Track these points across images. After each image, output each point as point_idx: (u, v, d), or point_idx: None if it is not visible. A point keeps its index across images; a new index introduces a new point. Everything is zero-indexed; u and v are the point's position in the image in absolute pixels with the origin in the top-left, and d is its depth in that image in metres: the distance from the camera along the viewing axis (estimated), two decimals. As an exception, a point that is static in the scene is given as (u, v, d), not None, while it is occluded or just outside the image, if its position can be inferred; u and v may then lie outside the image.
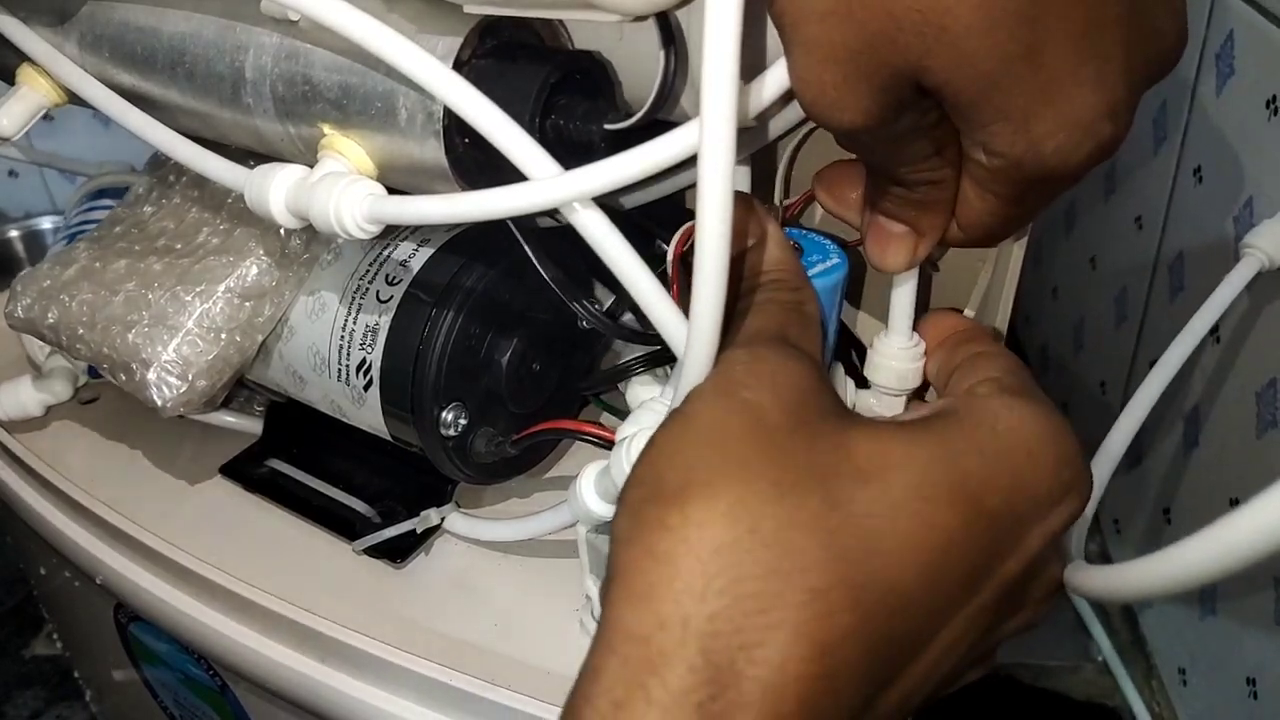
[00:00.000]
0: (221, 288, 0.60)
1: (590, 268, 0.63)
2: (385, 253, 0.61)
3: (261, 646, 0.61)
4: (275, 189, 0.52)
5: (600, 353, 0.70)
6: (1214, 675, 0.89)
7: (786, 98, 0.48)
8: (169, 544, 0.64)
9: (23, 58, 0.63)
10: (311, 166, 0.53)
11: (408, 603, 0.62)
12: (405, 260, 0.61)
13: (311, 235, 0.62)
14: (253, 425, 0.72)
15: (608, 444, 0.58)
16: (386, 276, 0.60)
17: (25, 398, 0.72)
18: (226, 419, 0.72)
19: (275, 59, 0.54)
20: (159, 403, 0.59)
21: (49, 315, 0.61)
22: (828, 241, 0.56)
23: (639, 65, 0.52)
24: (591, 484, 0.55)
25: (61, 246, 0.76)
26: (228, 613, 0.62)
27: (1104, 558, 0.97)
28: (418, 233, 0.62)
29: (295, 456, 0.70)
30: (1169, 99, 0.88)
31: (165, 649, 0.70)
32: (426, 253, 0.61)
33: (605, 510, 0.55)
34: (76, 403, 0.75)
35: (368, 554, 0.63)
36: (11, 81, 0.65)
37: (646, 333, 0.61)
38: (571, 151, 0.49)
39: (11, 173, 1.41)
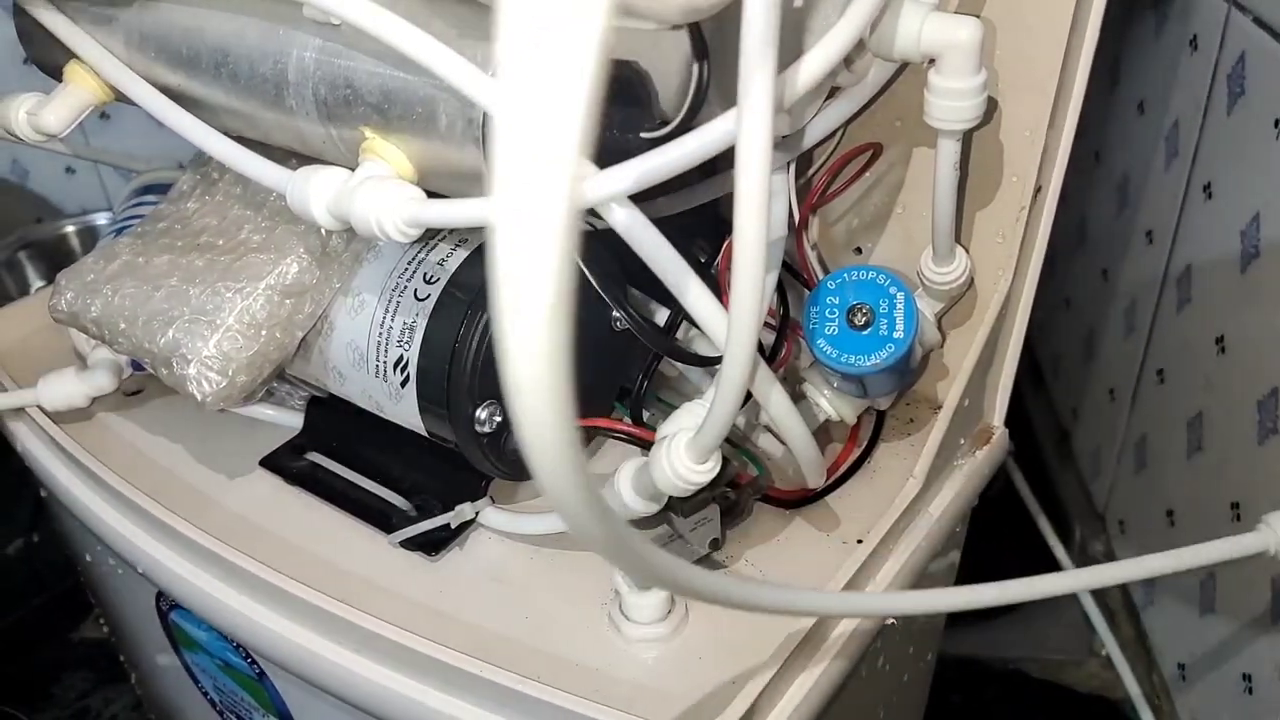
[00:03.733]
0: (262, 285, 0.58)
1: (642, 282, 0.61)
2: (424, 252, 0.59)
3: (298, 636, 0.59)
4: (316, 192, 0.50)
5: (632, 358, 0.68)
6: (1211, 671, 0.87)
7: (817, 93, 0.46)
8: (208, 535, 0.61)
9: (71, 55, 0.61)
10: (353, 169, 0.51)
11: (441, 595, 0.59)
12: (443, 260, 0.58)
13: (352, 234, 0.59)
14: (293, 419, 0.70)
15: (640, 442, 0.56)
16: (424, 275, 0.58)
17: (71, 388, 0.70)
18: (267, 413, 0.70)
19: (318, 62, 0.51)
20: (199, 397, 0.57)
21: (92, 309, 0.59)
22: (882, 278, 0.56)
23: (670, 75, 0.50)
24: (629, 480, 0.53)
25: (108, 241, 0.73)
26: (265, 603, 0.60)
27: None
28: (456, 233, 0.60)
29: (334, 450, 0.68)
30: (1181, 117, 0.86)
31: (205, 636, 0.68)
32: (464, 253, 0.58)
33: (641, 505, 0.53)
34: (121, 394, 0.73)
35: (403, 547, 0.61)
36: (59, 78, 0.63)
37: (684, 349, 0.59)
38: (610, 159, 0.46)
39: (68, 169, 1.38)
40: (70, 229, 1.34)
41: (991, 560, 0.64)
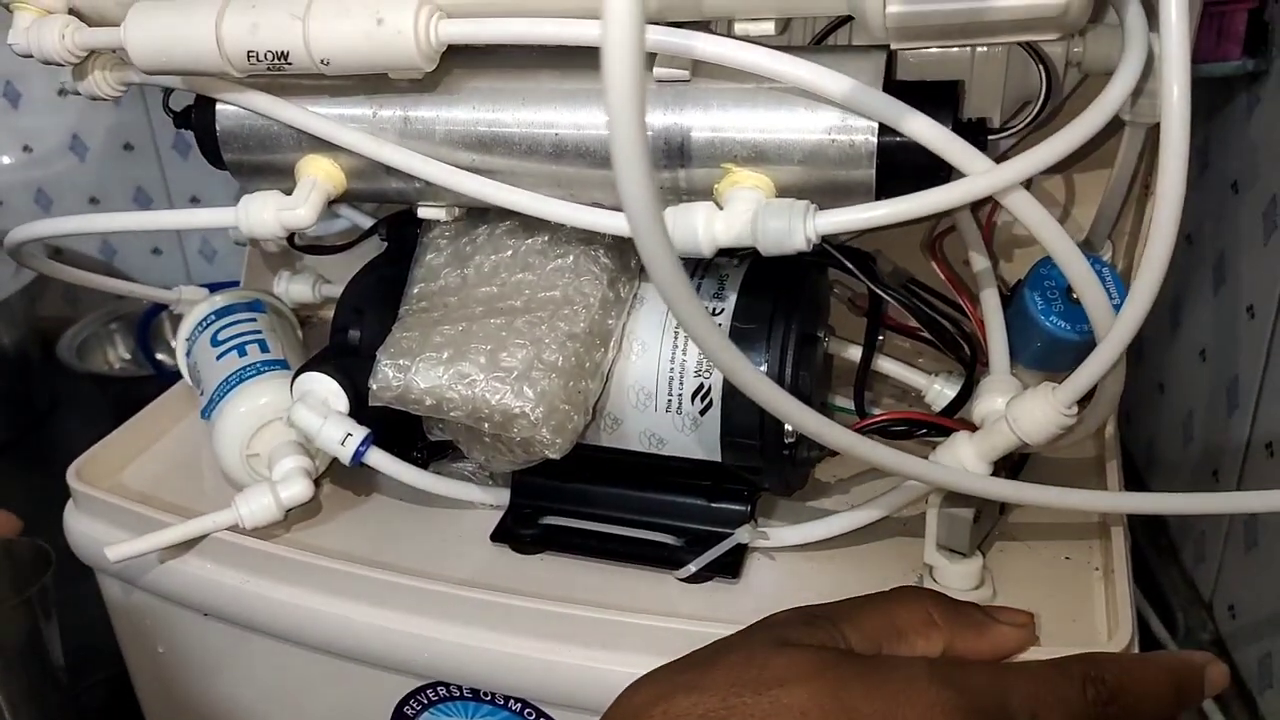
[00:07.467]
0: (581, 333, 0.66)
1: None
2: (696, 282, 0.69)
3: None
4: (703, 225, 0.59)
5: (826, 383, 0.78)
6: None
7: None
8: (495, 592, 0.67)
9: (300, 152, 0.69)
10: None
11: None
12: (718, 290, 0.69)
13: (630, 278, 0.69)
14: (488, 497, 0.77)
15: (940, 428, 0.68)
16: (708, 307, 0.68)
17: (268, 502, 0.72)
18: (473, 494, 0.76)
19: (665, 118, 0.62)
20: (548, 438, 0.64)
21: (418, 381, 0.65)
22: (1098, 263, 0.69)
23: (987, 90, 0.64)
24: (969, 447, 0.63)
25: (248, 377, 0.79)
26: (565, 643, 0.65)
27: (1218, 645, 0.97)
28: (716, 265, 0.70)
29: (558, 510, 0.75)
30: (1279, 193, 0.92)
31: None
32: (738, 276, 0.69)
33: (984, 468, 0.63)
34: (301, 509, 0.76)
35: (691, 580, 0.69)
36: (253, 178, 0.71)
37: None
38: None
39: (155, 250, 1.67)
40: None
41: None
